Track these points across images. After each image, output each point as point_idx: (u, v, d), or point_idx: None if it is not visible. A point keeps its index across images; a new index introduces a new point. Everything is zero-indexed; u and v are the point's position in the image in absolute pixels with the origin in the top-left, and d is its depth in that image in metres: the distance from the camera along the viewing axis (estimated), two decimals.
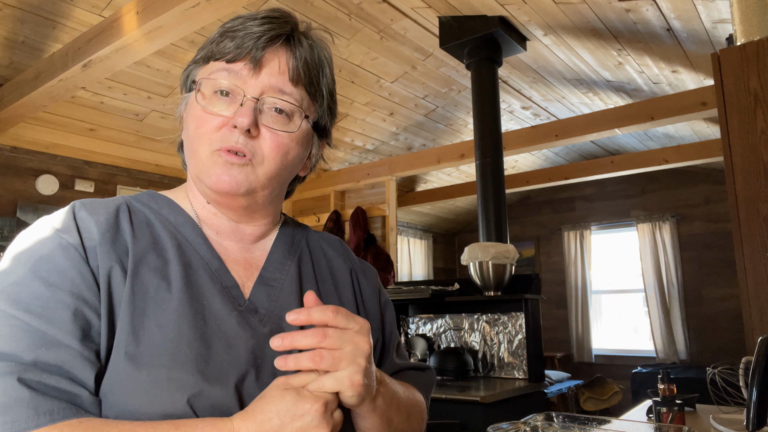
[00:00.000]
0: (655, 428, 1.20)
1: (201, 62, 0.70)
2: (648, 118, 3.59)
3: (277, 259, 0.75)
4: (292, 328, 0.68)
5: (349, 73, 3.70)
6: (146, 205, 0.71)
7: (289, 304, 0.72)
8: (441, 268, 7.50)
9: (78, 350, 0.55)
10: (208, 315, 0.64)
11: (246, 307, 0.68)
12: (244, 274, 0.71)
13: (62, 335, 0.55)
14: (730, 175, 1.67)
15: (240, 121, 0.64)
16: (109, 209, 0.66)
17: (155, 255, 0.65)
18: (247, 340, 0.64)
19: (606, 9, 2.90)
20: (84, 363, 0.55)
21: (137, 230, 0.66)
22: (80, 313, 0.57)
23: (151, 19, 2.17)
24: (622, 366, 6.09)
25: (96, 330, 0.58)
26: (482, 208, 3.23)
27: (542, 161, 5.77)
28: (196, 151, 0.67)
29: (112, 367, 0.57)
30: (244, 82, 0.66)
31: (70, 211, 0.64)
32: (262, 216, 0.74)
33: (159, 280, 0.63)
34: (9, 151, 3.67)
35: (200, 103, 0.67)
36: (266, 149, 0.67)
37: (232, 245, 0.73)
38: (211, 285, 0.67)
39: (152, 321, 0.60)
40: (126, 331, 0.59)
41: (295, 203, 5.44)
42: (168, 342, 0.59)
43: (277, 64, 0.68)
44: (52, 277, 0.58)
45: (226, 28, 0.68)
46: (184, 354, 0.59)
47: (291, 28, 0.70)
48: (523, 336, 2.90)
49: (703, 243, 5.80)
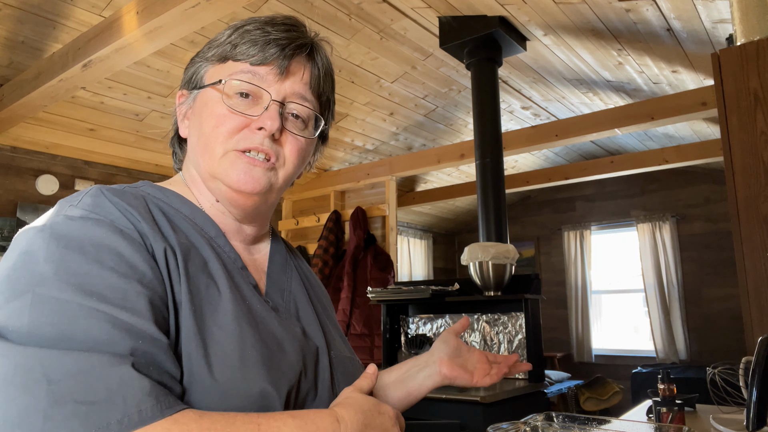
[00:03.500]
0: (655, 428, 1.20)
1: (214, 60, 0.70)
2: (648, 118, 3.59)
3: (279, 261, 0.77)
4: (315, 329, 0.73)
5: (349, 73, 3.70)
6: (158, 199, 0.68)
7: (301, 304, 0.75)
8: (441, 268, 7.50)
9: (165, 342, 0.53)
10: (256, 316, 0.64)
11: (271, 305, 0.70)
12: (256, 275, 0.72)
13: (148, 326, 0.52)
14: (730, 175, 1.67)
15: (269, 124, 0.66)
16: (138, 199, 0.63)
17: (196, 251, 0.64)
18: (291, 341, 0.66)
19: (606, 9, 2.90)
20: (170, 355, 0.53)
21: (172, 223, 0.64)
22: (156, 305, 0.55)
23: (151, 19, 2.17)
24: (622, 366, 6.09)
25: (168, 323, 0.56)
26: (482, 208, 3.23)
27: (542, 161, 5.77)
28: (213, 149, 0.67)
29: (186, 368, 0.56)
30: (269, 86, 0.67)
31: (100, 195, 0.60)
32: (263, 218, 0.75)
33: (207, 279, 0.62)
34: (9, 151, 3.67)
35: (226, 103, 0.67)
36: (288, 153, 0.69)
37: (238, 245, 0.73)
38: (246, 285, 0.67)
39: (212, 322, 0.59)
40: (193, 334, 0.57)
41: (295, 203, 5.44)
42: (233, 343, 0.59)
43: (302, 72, 0.70)
44: (121, 267, 0.54)
45: (245, 30, 0.69)
46: (251, 356, 0.59)
47: (311, 37, 0.72)
48: (523, 336, 2.90)
49: (703, 243, 5.80)
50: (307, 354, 0.68)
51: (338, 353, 0.75)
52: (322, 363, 0.71)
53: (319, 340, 0.72)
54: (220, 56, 0.69)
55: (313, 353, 0.70)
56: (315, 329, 0.73)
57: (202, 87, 0.70)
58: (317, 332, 0.73)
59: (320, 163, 5.05)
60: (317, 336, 0.73)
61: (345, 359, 0.76)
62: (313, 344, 0.71)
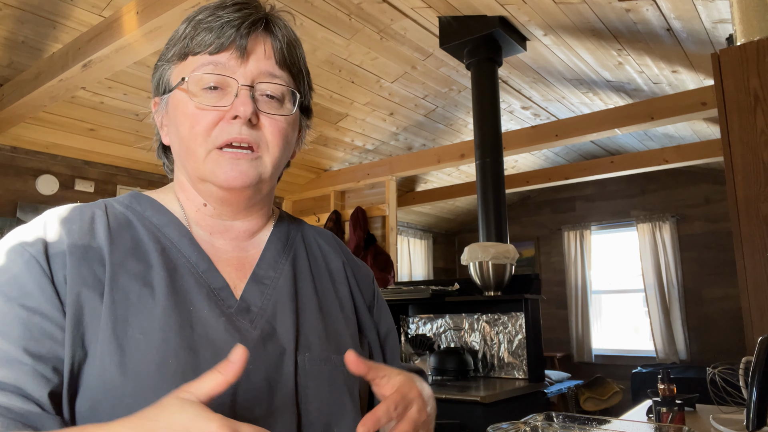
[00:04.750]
0: (655, 428, 1.20)
1: (175, 60, 0.68)
2: (648, 118, 3.59)
3: (271, 256, 0.73)
4: (287, 330, 0.67)
5: (349, 73, 3.70)
6: (128, 207, 0.68)
7: (282, 302, 0.69)
8: (441, 268, 7.49)
9: (30, 366, 0.53)
10: (195, 322, 0.61)
11: (237, 306, 0.65)
12: (237, 275, 0.69)
13: (15, 351, 0.53)
14: (730, 175, 1.67)
15: (242, 110, 0.63)
16: (84, 215, 0.64)
17: (136, 260, 0.63)
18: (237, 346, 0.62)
19: (606, 9, 2.90)
20: (37, 379, 0.53)
21: (115, 235, 0.64)
22: (36, 327, 0.55)
23: (151, 19, 2.17)
24: (622, 366, 6.09)
25: (57, 344, 0.55)
26: (482, 208, 3.23)
27: (542, 161, 5.77)
28: (195, 151, 0.65)
29: (99, 378, 0.56)
30: (233, 72, 0.65)
31: (41, 219, 0.63)
32: (259, 209, 0.73)
33: (141, 287, 0.61)
34: (9, 151, 3.67)
35: (193, 100, 0.65)
36: (269, 136, 0.66)
37: (225, 244, 0.71)
38: (198, 289, 0.64)
39: (136, 329, 0.58)
40: (108, 341, 0.56)
41: (295, 203, 5.44)
42: (154, 351, 0.57)
43: (262, 49, 0.67)
44: (12, 291, 0.56)
45: (197, 20, 0.66)
46: (171, 364, 0.57)
47: (265, 11, 0.69)
48: (523, 336, 2.90)
49: (703, 243, 5.80)
50: (261, 360, 0.62)
51: (315, 356, 0.67)
52: (286, 369, 0.64)
53: (288, 342, 0.66)
54: (179, 54, 0.67)
55: (272, 358, 0.64)
56: (287, 329, 0.66)
57: (170, 90, 0.68)
58: (289, 332, 0.66)
59: (320, 163, 5.05)
60: (287, 337, 0.66)
61: (326, 362, 0.67)
62: (275, 347, 0.65)
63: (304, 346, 0.67)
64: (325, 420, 0.65)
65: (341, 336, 0.72)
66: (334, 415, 0.66)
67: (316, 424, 0.65)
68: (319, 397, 0.66)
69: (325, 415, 0.65)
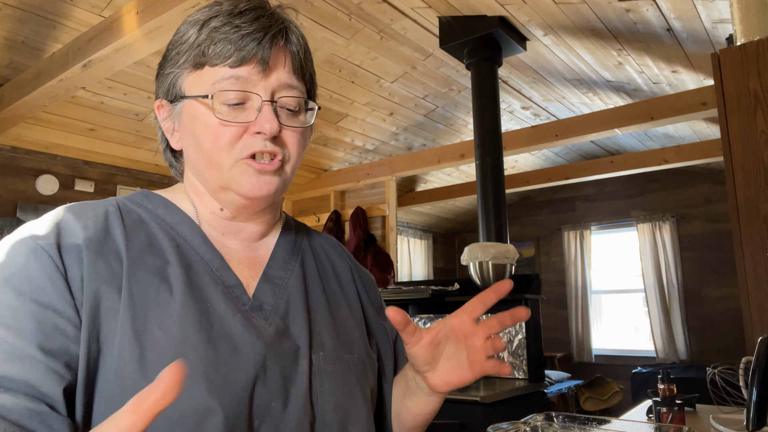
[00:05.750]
0: (655, 428, 1.20)
1: (188, 67, 0.66)
2: (648, 118, 3.59)
3: (281, 257, 0.74)
4: (300, 328, 0.68)
5: (349, 73, 3.70)
6: (140, 205, 0.69)
7: (294, 301, 0.70)
8: (441, 268, 7.50)
9: (43, 362, 0.52)
10: (213, 317, 0.62)
11: (250, 304, 0.66)
12: (248, 273, 0.70)
13: (28, 347, 0.52)
14: (730, 175, 1.67)
15: (267, 127, 0.63)
16: (98, 211, 0.64)
17: (152, 256, 0.63)
18: (253, 343, 0.63)
19: (606, 9, 2.90)
20: (50, 375, 0.52)
21: (130, 232, 0.64)
22: (48, 323, 0.54)
23: (151, 19, 2.17)
24: (622, 366, 6.09)
25: (69, 340, 0.55)
26: (482, 208, 3.23)
27: (542, 161, 5.77)
28: (220, 164, 0.65)
29: (116, 374, 0.55)
30: (254, 86, 0.64)
31: (55, 214, 0.62)
32: (269, 212, 0.73)
33: (159, 282, 0.61)
34: (9, 151, 3.67)
35: (218, 116, 0.64)
36: (290, 146, 0.67)
37: (236, 244, 0.72)
38: (213, 286, 0.65)
39: (155, 324, 0.58)
40: (128, 336, 0.56)
41: (295, 203, 5.44)
42: (173, 346, 0.57)
43: (282, 60, 0.66)
44: (24, 286, 0.55)
45: (212, 28, 0.64)
46: (190, 359, 0.57)
47: (282, 18, 0.68)
48: (523, 336, 2.90)
49: (703, 243, 5.80)
50: (277, 356, 0.64)
51: (328, 355, 0.69)
52: (301, 367, 0.65)
53: (302, 340, 0.67)
54: (194, 63, 0.65)
55: (288, 355, 0.65)
56: (300, 328, 0.68)
57: (183, 98, 0.67)
58: (302, 331, 0.68)
59: (320, 163, 5.05)
60: (301, 336, 0.67)
61: (339, 361, 0.69)
62: (290, 345, 0.66)
63: (317, 345, 0.68)
64: (341, 418, 0.66)
65: (352, 336, 0.74)
66: (349, 414, 0.67)
67: (331, 423, 0.65)
68: (334, 396, 0.66)
69: (340, 414, 0.66)
